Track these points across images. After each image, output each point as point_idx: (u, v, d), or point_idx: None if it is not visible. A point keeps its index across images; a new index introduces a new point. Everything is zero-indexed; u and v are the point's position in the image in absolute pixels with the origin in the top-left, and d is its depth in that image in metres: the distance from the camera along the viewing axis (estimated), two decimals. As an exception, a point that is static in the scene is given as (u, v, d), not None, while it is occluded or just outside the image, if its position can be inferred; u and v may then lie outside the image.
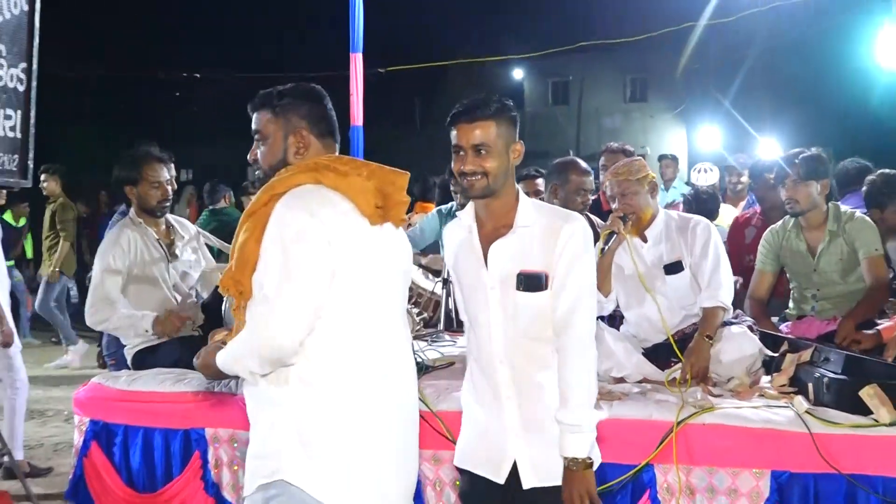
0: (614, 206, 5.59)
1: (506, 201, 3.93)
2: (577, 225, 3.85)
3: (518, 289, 3.82)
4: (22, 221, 14.81)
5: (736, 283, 5.84)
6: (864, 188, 6.37)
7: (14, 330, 8.46)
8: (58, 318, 13.16)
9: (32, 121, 6.57)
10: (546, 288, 3.80)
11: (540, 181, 8.05)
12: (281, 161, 3.75)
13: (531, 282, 3.81)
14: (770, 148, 16.49)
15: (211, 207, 12.70)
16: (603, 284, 5.42)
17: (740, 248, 6.99)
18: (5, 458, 7.47)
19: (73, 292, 13.89)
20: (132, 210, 6.18)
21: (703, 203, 7.36)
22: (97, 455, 5.72)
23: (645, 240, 5.53)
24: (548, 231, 3.82)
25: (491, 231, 3.95)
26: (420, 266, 7.74)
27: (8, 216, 14.08)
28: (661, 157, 13.44)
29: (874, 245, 5.96)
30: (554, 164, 6.53)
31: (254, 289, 3.49)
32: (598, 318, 5.87)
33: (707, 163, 10.46)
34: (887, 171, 6.30)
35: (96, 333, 7.46)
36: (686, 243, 5.46)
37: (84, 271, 12.53)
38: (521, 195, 3.98)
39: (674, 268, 5.48)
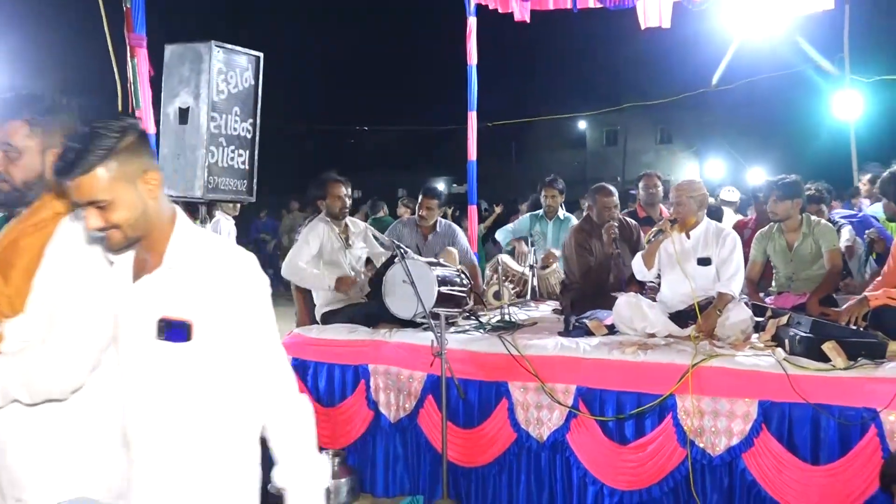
0: (670, 210, 5.71)
1: (157, 237, 2.36)
2: (242, 266, 2.36)
3: (159, 337, 2.32)
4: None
5: None
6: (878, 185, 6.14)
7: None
8: None
9: (256, 158, 6.69)
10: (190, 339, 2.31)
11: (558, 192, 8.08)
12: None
13: (174, 331, 2.31)
14: (758, 175, 16.16)
15: (372, 217, 12.82)
16: (649, 261, 5.55)
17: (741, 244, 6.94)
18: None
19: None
20: (322, 213, 6.29)
21: (711, 214, 7.22)
22: (297, 381, 5.77)
23: (689, 237, 5.53)
24: (208, 272, 2.32)
25: (140, 266, 2.41)
26: (509, 253, 7.80)
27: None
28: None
29: (833, 242, 5.95)
30: (591, 189, 6.52)
31: (35, 319, 2.50)
32: (642, 287, 5.91)
33: (731, 186, 10.29)
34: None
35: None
36: (717, 246, 5.47)
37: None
38: (182, 225, 2.40)
39: (705, 261, 5.47)
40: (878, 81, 13.30)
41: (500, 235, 8.55)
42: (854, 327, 4.76)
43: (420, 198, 7.23)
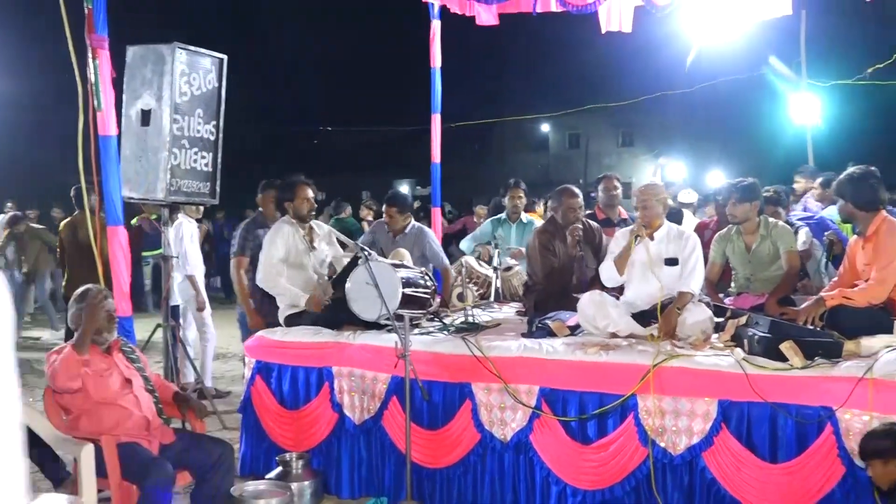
0: (637, 213, 5.72)
1: None
2: None
3: None
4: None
5: None
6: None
7: (206, 298, 8.58)
8: None
9: (219, 160, 6.66)
10: None
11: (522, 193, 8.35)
12: None
13: None
14: (718, 177, 16.32)
15: (335, 217, 12.78)
16: (622, 267, 5.58)
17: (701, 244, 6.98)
18: (200, 385, 7.58)
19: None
20: (287, 216, 6.26)
21: (671, 216, 7.28)
22: (260, 384, 5.77)
23: (652, 239, 5.56)
24: None
25: None
26: (476, 256, 7.81)
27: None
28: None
29: (791, 244, 6.03)
30: (555, 191, 6.56)
31: None
32: (599, 287, 5.93)
33: (690, 189, 10.37)
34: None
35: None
36: (680, 247, 5.53)
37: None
38: None
39: (672, 261, 5.52)
40: (836, 86, 13.48)
41: (465, 245, 8.59)
42: (811, 327, 4.83)
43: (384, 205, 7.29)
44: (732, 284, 6.34)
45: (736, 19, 8.44)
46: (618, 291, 5.80)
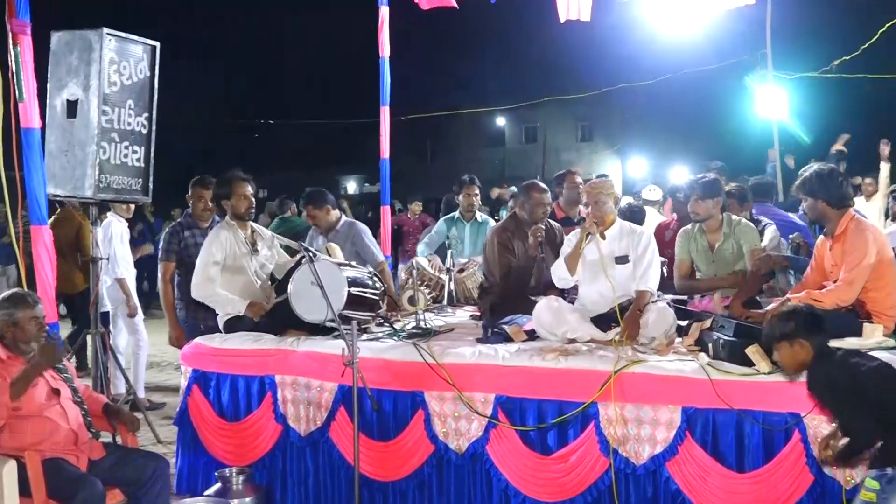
0: (587, 210, 5.71)
1: None
2: None
3: None
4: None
5: (663, 265, 6.15)
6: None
7: (138, 304, 8.47)
8: None
9: (152, 155, 6.59)
10: None
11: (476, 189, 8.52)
12: None
13: None
14: (680, 173, 16.51)
15: (280, 216, 12.69)
16: (573, 266, 5.59)
17: (661, 244, 6.98)
18: (132, 396, 7.48)
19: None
20: (227, 217, 6.17)
21: (634, 214, 7.36)
22: (197, 394, 5.72)
23: (604, 237, 5.59)
24: None
25: None
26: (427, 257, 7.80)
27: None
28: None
29: (755, 242, 6.06)
30: (520, 186, 6.58)
31: None
32: (556, 290, 5.97)
33: (654, 185, 10.44)
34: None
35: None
36: (633, 244, 5.59)
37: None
38: None
39: (622, 259, 5.57)
40: (802, 78, 13.72)
41: (419, 249, 8.61)
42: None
43: None
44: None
45: (699, 8, 8.56)
46: (574, 294, 5.84)
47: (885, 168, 10.93)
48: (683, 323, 5.29)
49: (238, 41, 42.90)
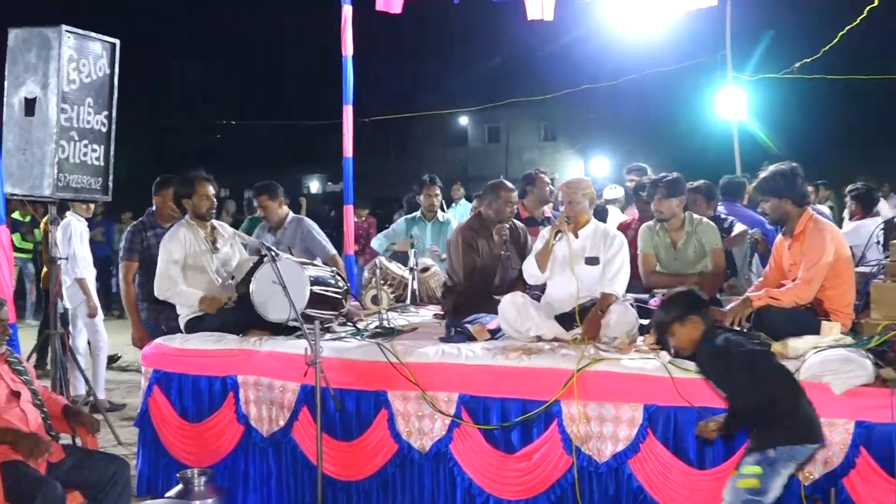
0: (562, 209, 5.76)
1: None
2: None
3: None
4: (27, 218, 13.12)
5: None
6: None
7: (98, 303, 8.39)
8: None
9: (112, 154, 6.54)
10: None
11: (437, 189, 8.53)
12: None
13: None
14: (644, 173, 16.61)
15: (250, 217, 12.63)
16: (544, 263, 5.65)
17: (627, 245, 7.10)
18: (92, 398, 7.41)
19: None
20: (187, 215, 6.13)
21: (596, 214, 7.39)
22: (158, 395, 5.68)
23: (577, 236, 5.64)
24: None
25: None
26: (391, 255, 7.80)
27: (17, 214, 12.68)
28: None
29: (716, 242, 6.16)
30: (487, 185, 6.56)
31: None
32: (526, 288, 6.00)
33: (615, 184, 10.49)
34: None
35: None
36: (605, 247, 5.62)
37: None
38: None
39: (593, 261, 5.61)
40: (763, 80, 13.90)
41: (376, 244, 8.59)
42: (738, 328, 4.94)
43: None
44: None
45: (662, 9, 8.62)
46: (540, 291, 5.87)
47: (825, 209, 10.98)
48: (645, 322, 5.34)
49: (199, 39, 42.58)
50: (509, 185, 6.44)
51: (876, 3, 9.72)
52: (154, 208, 6.95)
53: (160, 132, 35.12)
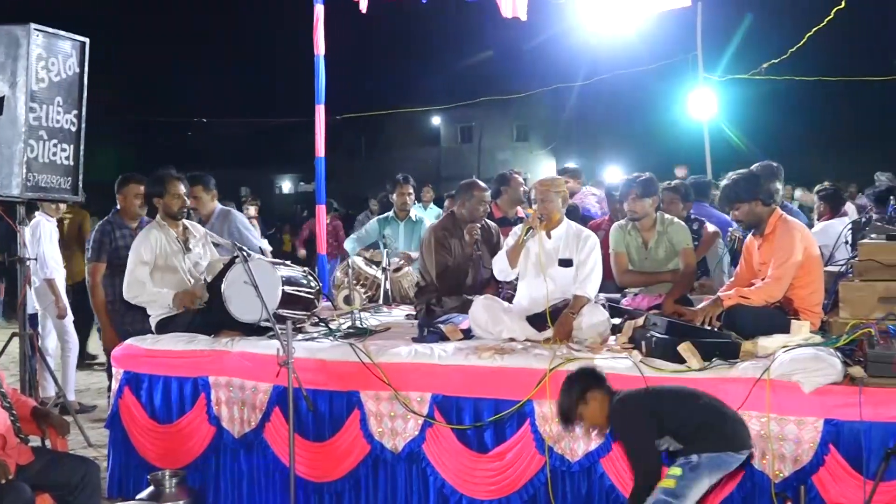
0: (535, 207, 5.75)
1: None
2: None
3: None
4: None
5: None
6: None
7: (67, 304, 8.32)
8: None
9: (81, 153, 6.49)
10: None
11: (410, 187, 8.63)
12: None
13: None
14: (614, 173, 16.74)
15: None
16: (514, 259, 5.62)
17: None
18: (61, 399, 7.36)
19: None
20: (158, 215, 6.09)
21: (567, 213, 7.45)
22: (129, 396, 5.64)
23: (550, 237, 5.64)
24: None
25: None
26: (364, 258, 7.77)
27: None
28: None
29: (687, 242, 6.21)
30: (461, 185, 6.59)
31: None
32: (498, 287, 6.02)
33: (592, 186, 10.54)
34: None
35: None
36: (577, 247, 5.62)
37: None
38: None
39: (566, 262, 5.61)
40: (733, 81, 13.99)
41: (348, 246, 8.57)
42: (709, 328, 4.99)
43: None
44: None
45: (635, 9, 8.67)
46: (512, 290, 5.89)
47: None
48: (617, 321, 5.37)
49: (169, 36, 42.32)
50: (482, 184, 6.47)
51: (843, 5, 9.81)
52: (118, 207, 6.89)
53: (131, 128, 34.86)
